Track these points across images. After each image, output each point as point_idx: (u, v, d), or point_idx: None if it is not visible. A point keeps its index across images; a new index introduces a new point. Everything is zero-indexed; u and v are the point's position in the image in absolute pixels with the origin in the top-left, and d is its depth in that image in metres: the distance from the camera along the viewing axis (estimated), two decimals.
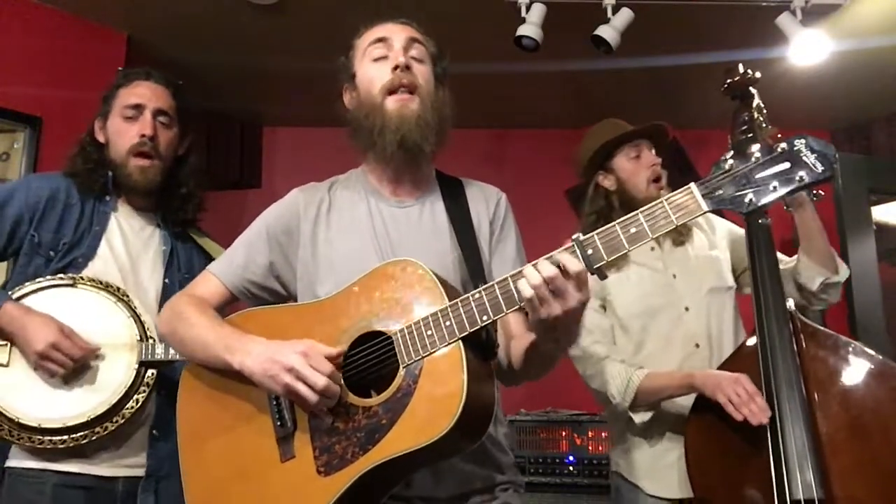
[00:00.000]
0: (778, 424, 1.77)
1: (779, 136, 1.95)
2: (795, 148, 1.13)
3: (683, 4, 3.12)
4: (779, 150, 1.14)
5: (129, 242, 1.96)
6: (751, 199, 1.14)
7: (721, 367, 1.97)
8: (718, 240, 2.24)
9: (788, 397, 1.78)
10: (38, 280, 1.84)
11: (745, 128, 2.03)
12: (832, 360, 1.84)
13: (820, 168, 1.12)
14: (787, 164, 1.13)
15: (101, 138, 1.99)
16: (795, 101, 4.09)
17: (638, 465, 2.10)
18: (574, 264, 1.17)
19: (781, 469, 1.73)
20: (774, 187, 1.14)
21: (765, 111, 2.05)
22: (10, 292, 1.82)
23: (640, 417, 2.06)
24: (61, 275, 1.86)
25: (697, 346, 2.10)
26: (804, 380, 1.81)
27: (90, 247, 1.90)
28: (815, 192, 1.10)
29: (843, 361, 1.83)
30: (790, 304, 1.94)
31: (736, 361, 1.94)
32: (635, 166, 2.20)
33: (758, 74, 2.04)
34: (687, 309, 2.12)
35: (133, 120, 1.95)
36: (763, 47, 3.33)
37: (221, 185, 4.32)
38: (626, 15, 3.10)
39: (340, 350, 1.33)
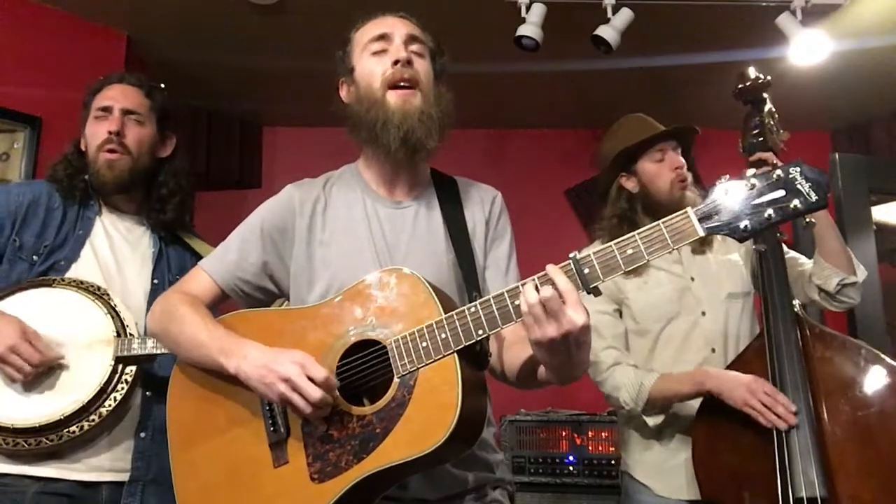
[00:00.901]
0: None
1: (775, 164, 1.93)
2: (790, 176, 1.15)
3: (683, 4, 3.12)
4: (774, 177, 1.15)
5: (114, 245, 1.95)
6: (745, 226, 1.16)
7: (729, 368, 1.97)
8: (739, 244, 2.22)
9: (794, 397, 1.79)
10: (15, 283, 1.83)
11: (756, 132, 2.03)
12: (838, 361, 1.85)
13: (814, 197, 1.14)
14: (781, 192, 1.15)
15: (83, 146, 2.01)
16: (795, 101, 4.08)
17: (647, 466, 2.10)
18: (565, 284, 1.17)
19: (786, 467, 1.74)
20: (769, 215, 1.15)
21: (776, 115, 2.03)
22: None
23: (653, 420, 2.06)
24: (42, 278, 1.84)
25: (713, 350, 2.09)
26: (811, 380, 1.82)
27: (72, 250, 1.89)
28: (807, 220, 1.11)
29: (850, 362, 1.84)
30: (797, 305, 1.95)
31: (743, 361, 1.95)
32: (659, 168, 2.16)
33: (769, 79, 2.03)
34: (704, 314, 2.11)
35: (103, 120, 1.96)
36: (763, 47, 3.32)
37: (221, 185, 4.33)
38: (626, 15, 3.10)
39: (334, 371, 1.32)
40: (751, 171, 1.18)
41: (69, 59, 3.28)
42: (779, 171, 1.16)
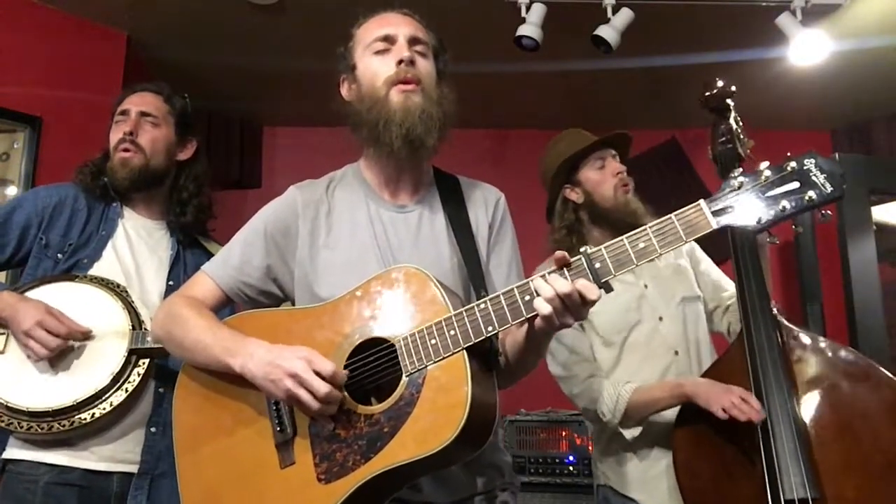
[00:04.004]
0: (769, 426, 1.78)
1: (788, 155, 1.95)
2: (805, 167, 1.13)
3: (683, 4, 3.12)
4: (788, 168, 1.14)
5: (134, 247, 2.01)
6: (760, 218, 1.15)
7: (708, 372, 1.98)
8: (682, 250, 2.25)
9: (778, 399, 1.80)
10: (39, 278, 1.91)
11: (724, 139, 2.07)
12: (816, 362, 1.86)
13: (829, 188, 1.12)
14: (796, 184, 1.14)
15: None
16: (795, 101, 4.09)
17: (630, 478, 2.08)
18: (583, 284, 1.18)
19: (774, 470, 1.73)
20: (784, 207, 1.14)
21: (741, 123, 2.07)
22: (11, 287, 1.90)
23: (630, 433, 2.05)
24: (64, 273, 1.92)
25: (676, 353, 2.11)
26: (791, 382, 1.83)
27: (95, 249, 1.96)
28: (822, 212, 1.11)
29: (828, 363, 1.85)
30: (774, 308, 1.95)
31: (723, 366, 1.96)
32: (602, 176, 2.19)
33: (734, 88, 2.07)
34: (661, 319, 2.13)
35: (121, 123, 2.05)
36: (763, 47, 3.33)
37: (221, 185, 4.33)
38: (626, 15, 3.10)
39: (342, 369, 1.32)
40: (764, 164, 1.17)
41: (69, 59, 3.28)
42: (793, 163, 1.14)
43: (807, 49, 3.18)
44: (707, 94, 2.09)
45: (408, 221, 1.52)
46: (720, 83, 2.08)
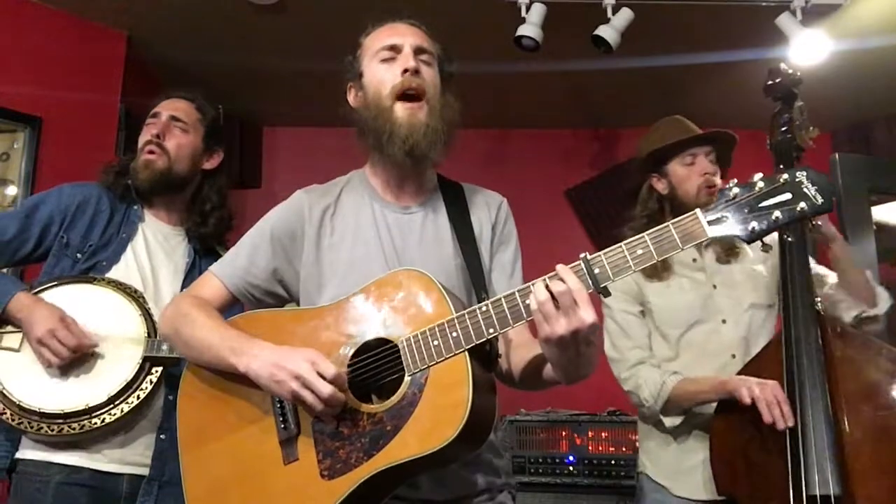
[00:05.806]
0: (799, 421, 1.77)
1: (781, 168, 1.90)
2: (797, 179, 1.18)
3: (684, 4, 3.12)
4: (781, 180, 1.18)
5: (151, 252, 2.03)
6: (753, 228, 1.19)
7: (747, 365, 1.98)
8: (764, 256, 2.19)
9: (811, 394, 1.78)
10: (57, 277, 1.92)
11: (784, 129, 2.02)
12: (859, 360, 1.83)
13: (820, 200, 1.16)
14: (788, 195, 1.18)
15: None
16: None
17: (665, 467, 2.10)
18: (575, 283, 1.19)
19: (799, 465, 1.73)
20: (776, 217, 1.18)
21: (805, 112, 2.03)
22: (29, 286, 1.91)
23: (670, 422, 2.06)
24: (83, 275, 1.93)
25: (734, 356, 2.09)
26: (830, 379, 1.81)
27: (115, 252, 1.98)
28: (812, 223, 1.14)
29: (871, 362, 1.82)
30: (818, 303, 1.93)
31: (761, 359, 1.95)
32: (688, 172, 2.16)
33: (800, 74, 2.01)
34: (724, 321, 2.11)
35: (151, 126, 2.07)
36: (763, 47, 3.32)
37: None
38: (626, 15, 3.10)
39: (344, 371, 1.34)
40: (758, 175, 1.21)
41: (69, 59, 3.28)
42: (785, 175, 1.18)
43: (807, 49, 3.17)
44: (771, 81, 2.05)
45: (412, 222, 1.54)
46: (785, 69, 2.04)
